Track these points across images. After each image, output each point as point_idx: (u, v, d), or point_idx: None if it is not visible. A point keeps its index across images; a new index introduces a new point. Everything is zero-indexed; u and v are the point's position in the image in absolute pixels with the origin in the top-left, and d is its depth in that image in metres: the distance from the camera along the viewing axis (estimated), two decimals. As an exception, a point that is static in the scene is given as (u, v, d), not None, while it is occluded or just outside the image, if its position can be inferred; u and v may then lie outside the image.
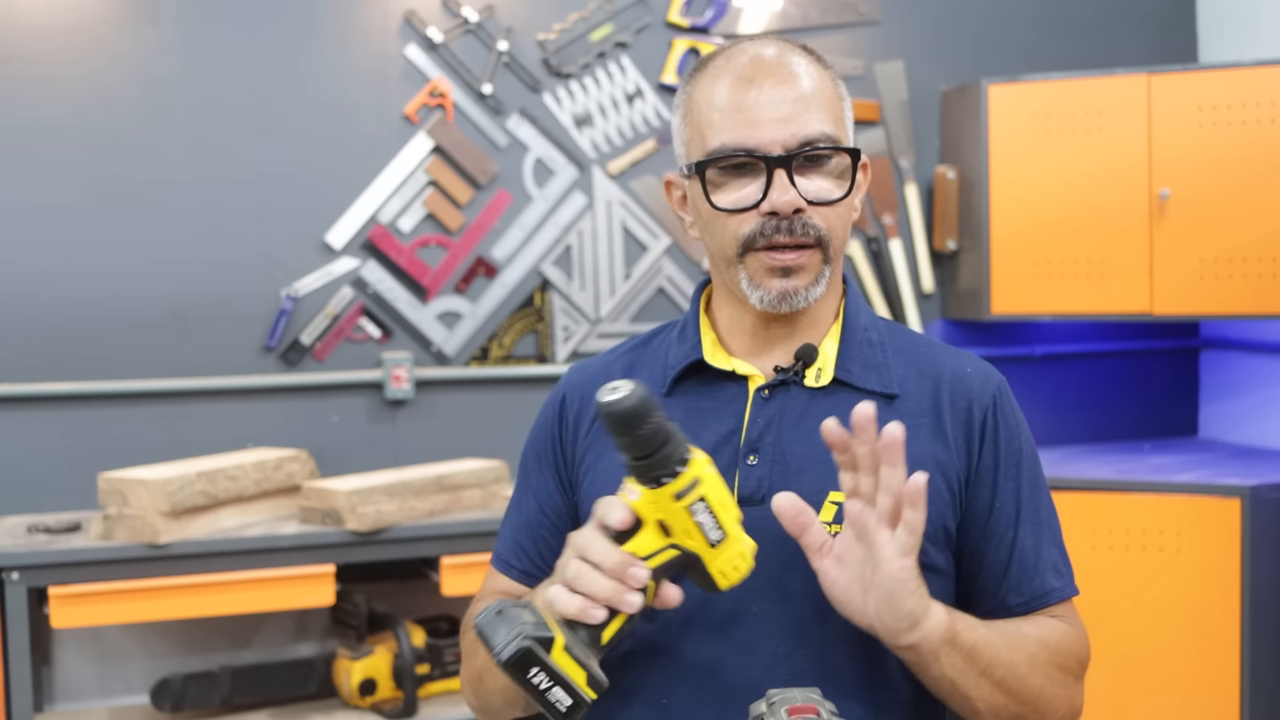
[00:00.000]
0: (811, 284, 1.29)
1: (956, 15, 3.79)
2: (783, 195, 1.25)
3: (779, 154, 1.25)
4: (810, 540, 1.17)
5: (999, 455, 1.33)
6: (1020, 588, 1.32)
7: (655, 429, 1.09)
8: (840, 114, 1.31)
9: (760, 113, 1.26)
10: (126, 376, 3.17)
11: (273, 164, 3.26)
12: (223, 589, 2.81)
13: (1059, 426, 3.90)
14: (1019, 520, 1.33)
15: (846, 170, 1.29)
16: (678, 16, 3.53)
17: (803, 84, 1.28)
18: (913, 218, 3.75)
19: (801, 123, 1.26)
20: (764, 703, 1.09)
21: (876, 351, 1.35)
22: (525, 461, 1.45)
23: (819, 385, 1.32)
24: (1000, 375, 1.38)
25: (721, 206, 1.28)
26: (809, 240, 1.27)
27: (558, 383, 1.46)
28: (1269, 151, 3.30)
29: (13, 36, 3.08)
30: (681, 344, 1.38)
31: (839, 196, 1.28)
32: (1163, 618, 3.19)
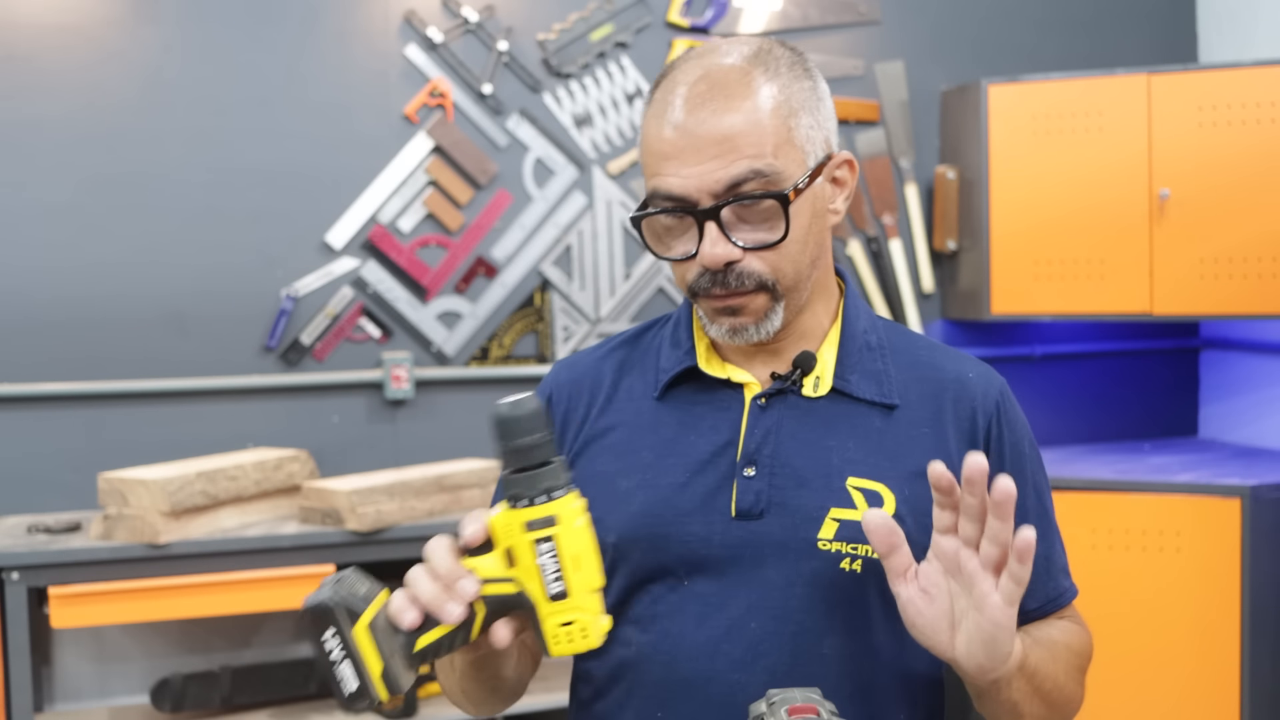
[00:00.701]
0: (761, 320, 1.26)
1: (956, 15, 3.79)
2: (711, 249, 1.21)
3: (707, 204, 1.21)
4: (896, 563, 1.12)
5: (1004, 464, 1.31)
6: (1036, 593, 1.31)
7: (535, 446, 1.05)
8: (787, 135, 1.23)
9: (686, 159, 1.21)
10: (126, 376, 3.17)
11: (273, 164, 3.26)
12: (223, 589, 2.81)
13: (1059, 426, 3.90)
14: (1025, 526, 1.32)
15: (780, 210, 1.22)
16: (678, 16, 3.53)
17: (734, 117, 1.21)
18: (913, 218, 3.75)
19: (726, 164, 1.20)
20: (764, 703, 1.09)
21: (876, 357, 1.33)
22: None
23: (817, 395, 1.30)
24: (1002, 379, 1.37)
25: (661, 256, 1.27)
26: (747, 289, 1.23)
27: (545, 381, 1.42)
28: (1269, 151, 3.30)
29: (13, 36, 3.08)
30: (674, 348, 1.35)
31: (776, 240, 1.22)
32: (1163, 618, 3.19)
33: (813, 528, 1.24)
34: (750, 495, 1.26)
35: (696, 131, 1.21)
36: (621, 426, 1.33)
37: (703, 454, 1.28)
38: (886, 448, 1.28)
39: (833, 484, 1.25)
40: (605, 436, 1.33)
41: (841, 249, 3.70)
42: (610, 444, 1.33)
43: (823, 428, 1.28)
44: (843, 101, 3.67)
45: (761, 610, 1.23)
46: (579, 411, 1.36)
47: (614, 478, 1.30)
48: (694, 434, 1.30)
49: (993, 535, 1.08)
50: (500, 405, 1.05)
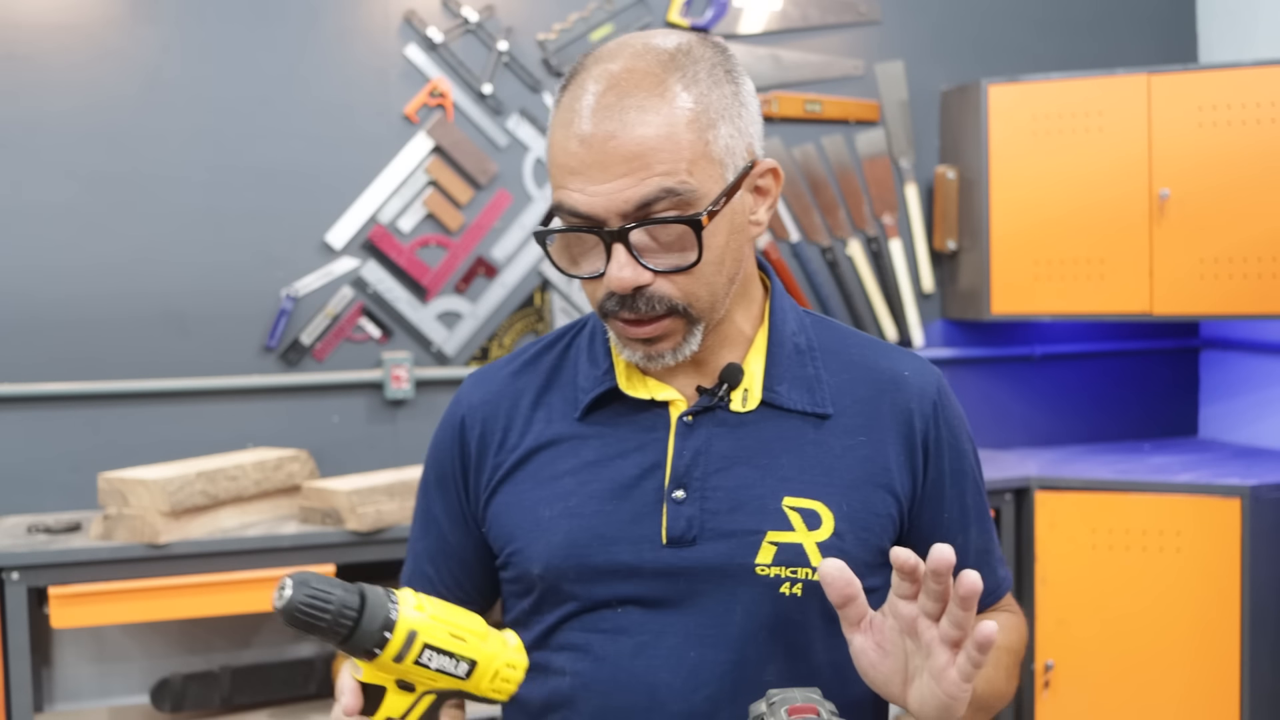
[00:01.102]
0: (678, 345, 1.18)
1: (956, 15, 3.79)
2: (619, 273, 1.13)
3: (615, 225, 1.12)
4: (851, 613, 1.08)
5: (944, 466, 1.27)
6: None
7: (333, 620, 1.01)
8: (704, 146, 1.13)
9: (592, 176, 1.11)
10: (126, 376, 3.17)
11: (273, 164, 3.26)
12: (223, 589, 2.81)
13: (1059, 426, 3.90)
14: (967, 523, 1.30)
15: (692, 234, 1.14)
16: (678, 16, 3.53)
17: (645, 130, 1.11)
18: (913, 218, 3.75)
19: (637, 184, 1.11)
20: (764, 702, 1.09)
21: (806, 362, 1.26)
22: (427, 480, 1.35)
23: (746, 409, 1.23)
24: (938, 373, 1.31)
25: (572, 275, 1.19)
26: (657, 314, 1.16)
27: (455, 399, 1.34)
28: (1269, 151, 3.30)
29: (13, 36, 3.08)
30: (592, 366, 1.27)
31: (688, 265, 1.14)
32: (1163, 618, 3.19)
33: (750, 553, 1.19)
34: (681, 521, 1.19)
35: (604, 146, 1.11)
36: (541, 450, 1.26)
37: (628, 478, 1.22)
38: (822, 462, 1.22)
39: (768, 505, 1.20)
40: (525, 462, 1.26)
41: (841, 249, 3.70)
42: (530, 470, 1.26)
43: (754, 445, 1.22)
44: (843, 101, 3.68)
45: (700, 639, 1.19)
46: (495, 435, 1.29)
47: (535, 506, 1.24)
48: (618, 457, 1.23)
49: (955, 620, 1.04)
50: (278, 610, 1.01)
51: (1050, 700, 3.29)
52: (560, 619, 1.24)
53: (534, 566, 1.23)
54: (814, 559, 1.19)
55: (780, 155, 3.62)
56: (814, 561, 1.19)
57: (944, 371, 1.35)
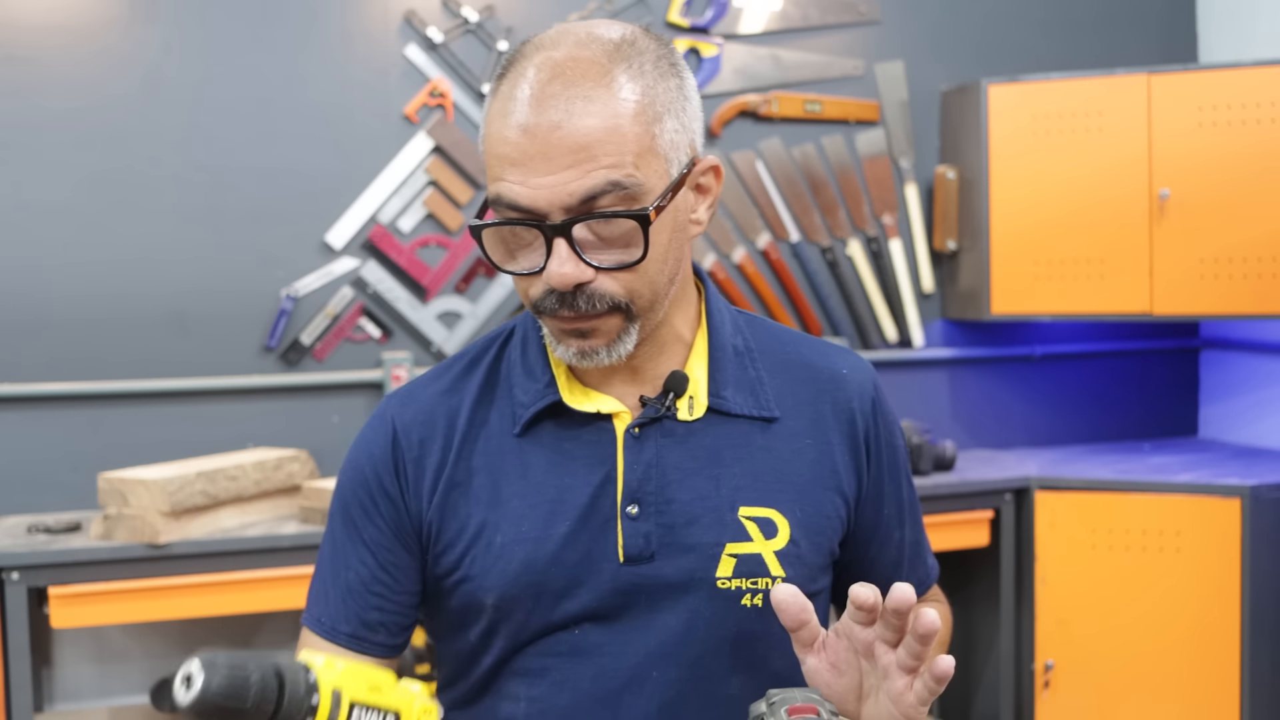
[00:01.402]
0: (614, 342, 1.13)
1: (956, 15, 3.79)
2: (560, 268, 1.08)
3: (558, 219, 1.08)
4: (805, 636, 1.07)
5: (884, 462, 1.28)
6: (911, 579, 1.32)
7: (258, 697, 0.90)
8: (650, 141, 1.09)
9: (535, 167, 1.07)
10: (126, 376, 3.17)
11: (273, 164, 3.26)
12: (223, 589, 2.81)
13: (1059, 426, 3.90)
14: (903, 518, 1.31)
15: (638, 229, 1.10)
16: (678, 16, 3.53)
17: (591, 121, 1.07)
18: (913, 218, 3.75)
19: (583, 175, 1.07)
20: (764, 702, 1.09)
21: (746, 364, 1.23)
22: (346, 508, 1.24)
23: (693, 417, 1.20)
24: (873, 369, 1.30)
25: (506, 270, 1.13)
26: (598, 312, 1.11)
27: (379, 417, 1.25)
28: (1269, 151, 3.30)
29: (13, 36, 3.08)
30: (529, 378, 1.21)
31: (633, 261, 1.10)
32: (1163, 618, 3.19)
33: (710, 566, 1.17)
34: (639, 538, 1.16)
35: (549, 137, 1.07)
36: (483, 471, 1.20)
37: (580, 497, 1.17)
38: (773, 468, 1.20)
39: (724, 517, 1.17)
40: (468, 484, 1.20)
41: (841, 249, 3.70)
42: (474, 493, 1.19)
43: (705, 455, 1.19)
44: (843, 101, 3.67)
45: (662, 658, 1.16)
46: (433, 456, 1.21)
47: (485, 532, 1.18)
48: (567, 475, 1.18)
49: (913, 652, 1.03)
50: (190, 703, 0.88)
51: (1050, 700, 3.29)
52: (514, 646, 1.19)
53: (487, 596, 1.17)
54: (773, 568, 1.18)
55: (780, 155, 3.63)
56: (774, 571, 1.18)
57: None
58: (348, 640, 1.23)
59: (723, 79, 3.58)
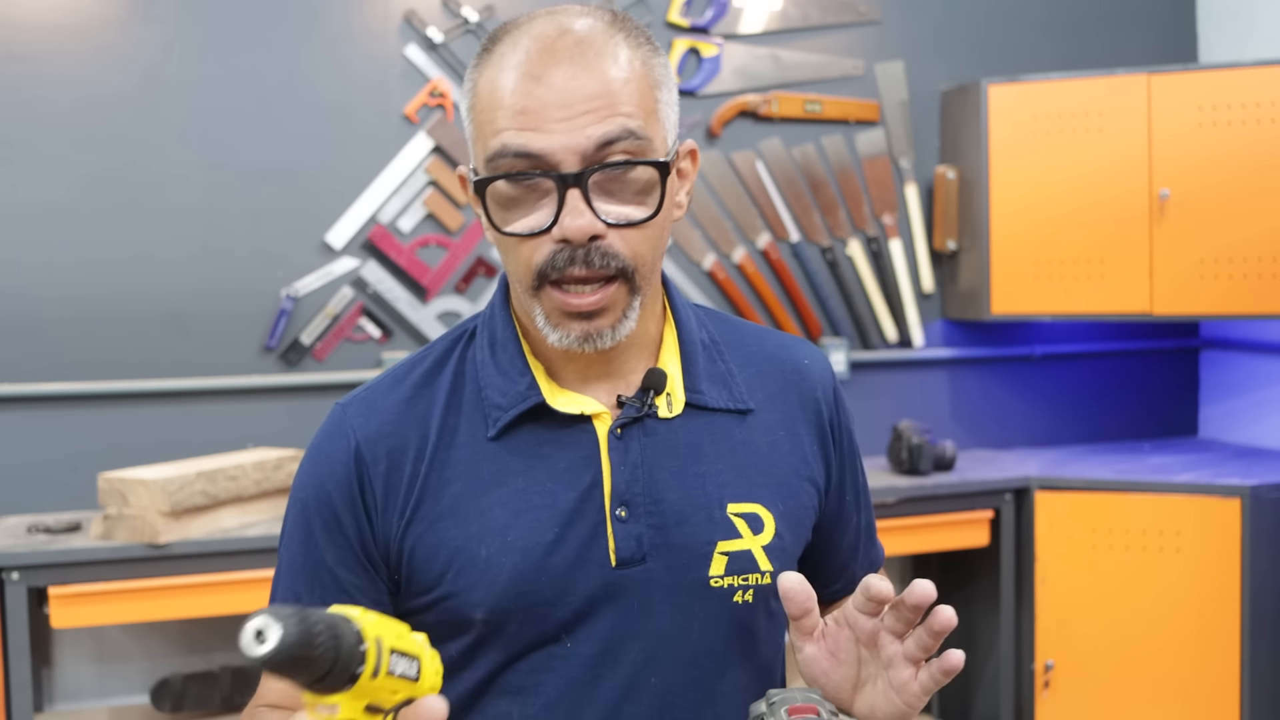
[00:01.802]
0: (618, 321, 1.10)
1: (956, 15, 3.79)
2: (576, 220, 1.05)
3: (573, 168, 1.05)
4: (807, 624, 1.07)
5: (844, 450, 1.29)
6: (865, 561, 1.34)
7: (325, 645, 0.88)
8: (653, 105, 1.09)
9: (549, 114, 1.04)
10: (126, 376, 3.17)
11: (273, 163, 3.26)
12: (223, 589, 2.81)
13: (1059, 426, 3.91)
14: (860, 504, 1.33)
15: (655, 183, 1.08)
16: (678, 16, 3.53)
17: (604, 72, 1.06)
18: (913, 218, 3.75)
19: (598, 120, 1.04)
20: (764, 703, 1.09)
21: (715, 357, 1.22)
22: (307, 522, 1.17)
23: (673, 415, 1.18)
24: (826, 357, 1.31)
25: (508, 231, 1.08)
26: (609, 272, 1.08)
27: (338, 430, 1.18)
28: (1269, 151, 3.30)
29: (13, 36, 3.08)
30: (505, 378, 1.16)
31: (645, 217, 1.08)
32: (1163, 618, 3.19)
33: (702, 565, 1.15)
34: (630, 540, 1.14)
35: (566, 86, 1.04)
36: (458, 481, 1.14)
37: (566, 502, 1.13)
38: (754, 462, 1.20)
39: (714, 515, 1.16)
40: (442, 498, 1.14)
41: (841, 249, 3.70)
42: (450, 504, 1.14)
43: (689, 453, 1.18)
44: (843, 101, 3.67)
45: (659, 661, 1.15)
46: (404, 468, 1.15)
47: (469, 545, 1.13)
48: (549, 480, 1.14)
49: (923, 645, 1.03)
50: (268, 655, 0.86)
51: (1050, 700, 3.29)
52: (504, 660, 1.15)
53: (476, 611, 1.12)
54: (762, 563, 1.18)
55: (780, 155, 3.63)
56: (763, 566, 1.18)
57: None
58: None
59: (723, 79, 3.58)
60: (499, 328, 1.19)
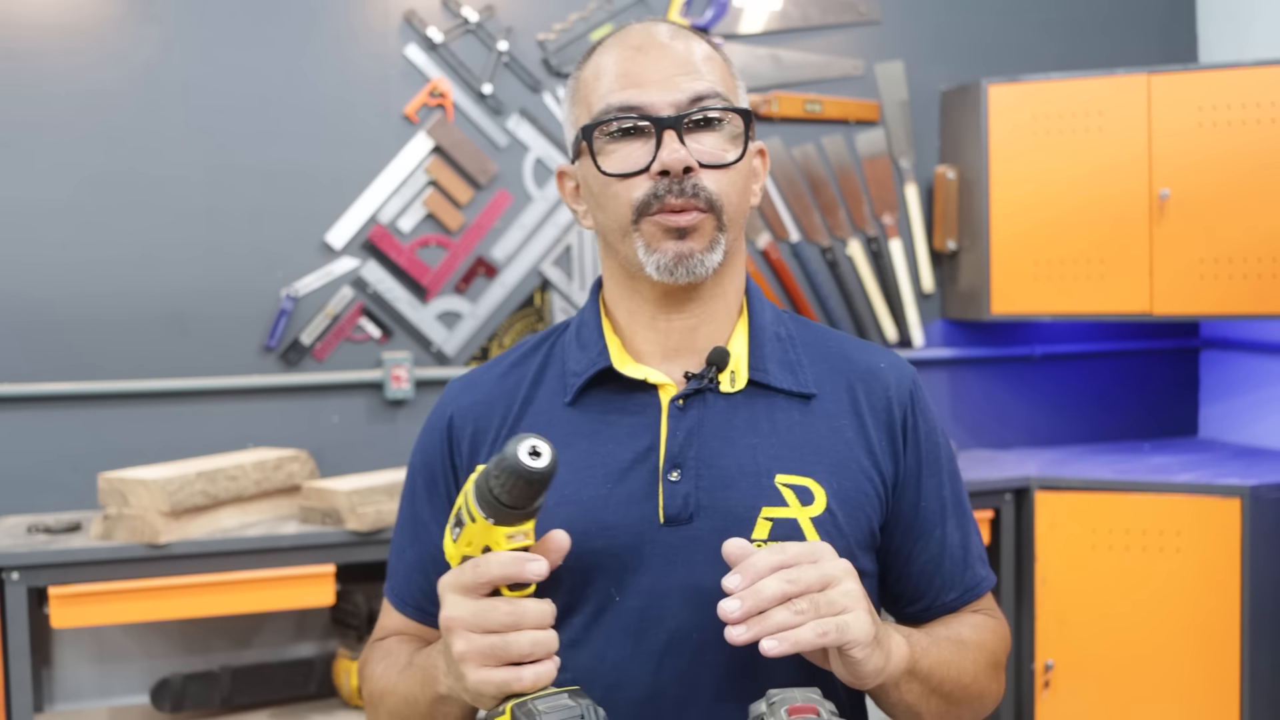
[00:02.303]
0: (707, 249, 1.22)
1: (956, 15, 3.79)
2: (673, 154, 1.20)
3: (669, 114, 1.21)
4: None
5: (921, 453, 1.30)
6: (954, 584, 1.32)
7: (540, 495, 1.05)
8: (733, 88, 1.27)
9: (648, 74, 1.22)
10: (126, 376, 3.17)
11: (273, 164, 3.26)
12: (223, 589, 2.81)
13: (1059, 426, 3.90)
14: (945, 516, 1.32)
15: (739, 137, 1.24)
16: (678, 17, 3.53)
17: (694, 50, 1.25)
18: (913, 218, 3.75)
19: (691, 79, 1.22)
20: (764, 703, 1.09)
21: (787, 348, 1.30)
22: (414, 487, 1.34)
23: (735, 390, 1.26)
24: (913, 369, 1.35)
25: (611, 172, 1.22)
26: (700, 204, 1.21)
27: (440, 403, 1.35)
28: (1269, 151, 3.30)
29: (13, 36, 3.08)
30: (583, 350, 1.29)
31: (731, 160, 1.23)
32: (1163, 618, 3.19)
33: (745, 529, 1.21)
34: (678, 499, 1.21)
35: (663, 54, 1.23)
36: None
37: (623, 461, 1.23)
38: (810, 441, 1.25)
39: (761, 482, 1.22)
40: None
41: (841, 249, 3.70)
42: None
43: (744, 425, 1.25)
44: (843, 101, 3.68)
45: (701, 618, 1.20)
46: (489, 432, 1.29)
47: None
48: (611, 442, 1.25)
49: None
50: (540, 468, 1.02)
51: (1050, 700, 3.29)
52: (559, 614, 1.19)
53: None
54: (808, 534, 1.21)
55: (780, 155, 3.63)
56: (809, 536, 1.21)
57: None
58: (413, 612, 1.33)
59: (723, 79, 3.58)
60: (587, 314, 1.33)
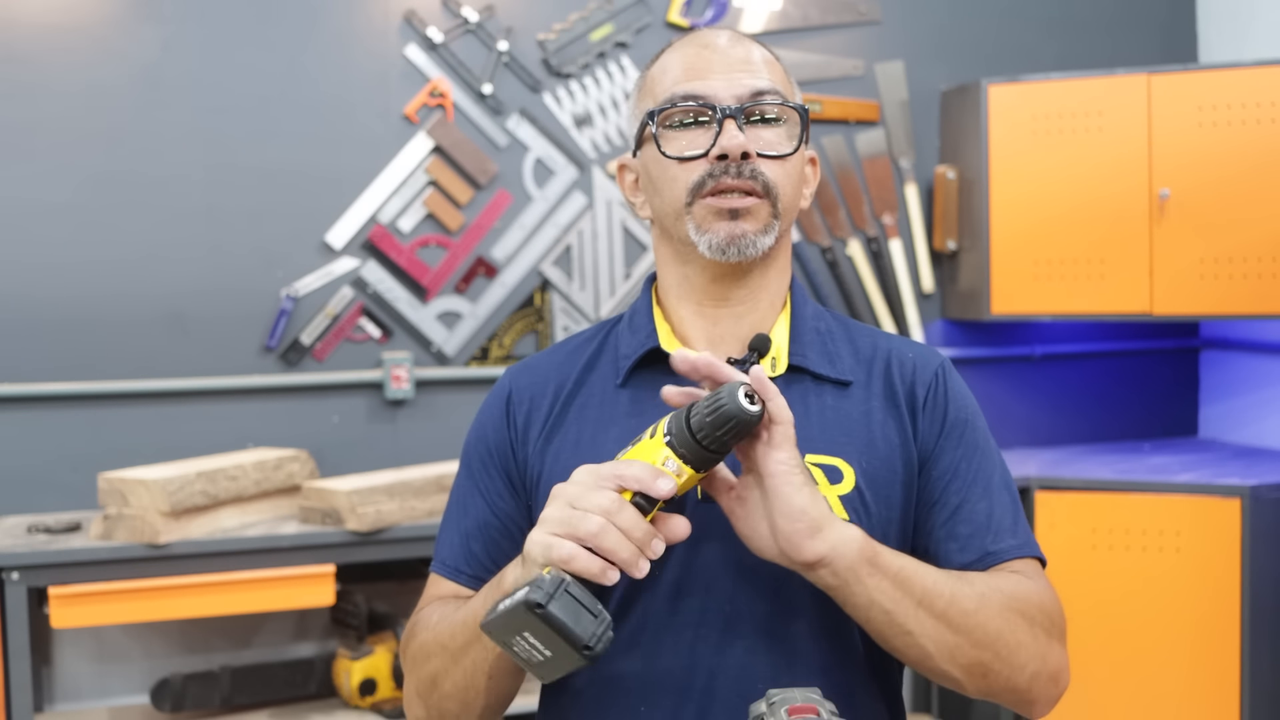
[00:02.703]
0: (760, 232, 1.28)
1: (956, 15, 3.79)
2: (732, 140, 1.27)
3: (731, 105, 1.28)
4: (720, 481, 1.19)
5: (944, 425, 1.32)
6: (969, 547, 1.28)
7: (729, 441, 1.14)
8: (791, 90, 1.34)
9: (713, 68, 1.30)
10: (126, 376, 3.17)
11: (273, 164, 3.26)
12: (223, 589, 2.81)
13: (1059, 426, 3.90)
14: (968, 486, 1.30)
15: (796, 133, 1.31)
16: (678, 16, 3.53)
17: (754, 52, 1.33)
18: (913, 218, 3.75)
19: (753, 78, 1.30)
20: (764, 703, 1.09)
21: (826, 340, 1.36)
22: (468, 462, 1.41)
23: (775, 375, 1.31)
24: (943, 356, 1.39)
25: (672, 154, 1.30)
26: (756, 188, 1.28)
27: (499, 382, 1.43)
28: (1269, 151, 3.30)
29: (13, 36, 3.08)
30: (634, 334, 1.37)
31: (787, 151, 1.30)
32: (1163, 618, 3.19)
33: None
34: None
35: (727, 52, 1.31)
36: (584, 421, 1.34)
37: None
38: (842, 424, 1.30)
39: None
40: (568, 432, 1.34)
41: (841, 249, 3.70)
42: (575, 439, 1.33)
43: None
44: (843, 101, 3.67)
45: (733, 591, 1.24)
46: (542, 410, 1.36)
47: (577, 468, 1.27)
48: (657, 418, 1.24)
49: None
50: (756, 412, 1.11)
51: (1050, 700, 3.29)
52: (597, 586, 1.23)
53: None
54: (837, 511, 1.24)
55: (780, 155, 3.62)
56: (838, 514, 1.24)
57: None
58: (468, 580, 1.35)
59: (723, 79, 3.58)
60: (639, 303, 1.40)
